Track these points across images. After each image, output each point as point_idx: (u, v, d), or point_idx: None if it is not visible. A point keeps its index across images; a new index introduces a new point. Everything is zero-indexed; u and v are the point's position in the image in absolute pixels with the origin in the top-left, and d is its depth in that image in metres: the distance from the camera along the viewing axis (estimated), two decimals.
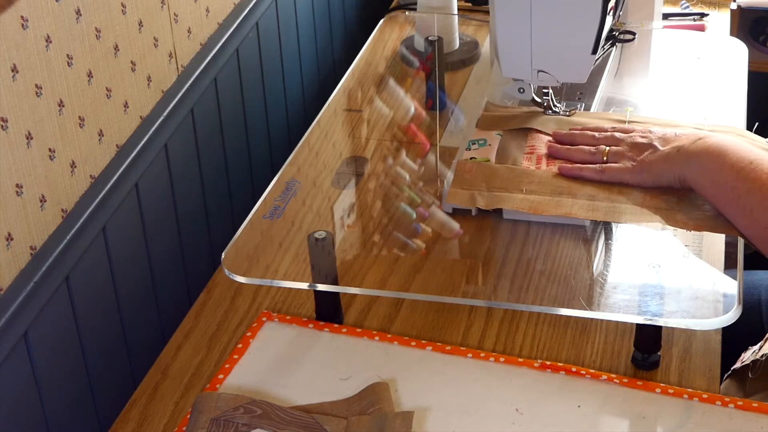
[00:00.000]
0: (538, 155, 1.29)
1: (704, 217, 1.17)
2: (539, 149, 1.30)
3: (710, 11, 1.75)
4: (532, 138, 1.32)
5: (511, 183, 1.25)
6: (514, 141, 1.32)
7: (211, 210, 1.46)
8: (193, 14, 1.37)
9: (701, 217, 1.17)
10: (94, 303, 1.18)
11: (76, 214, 1.14)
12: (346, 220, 1.29)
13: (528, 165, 1.28)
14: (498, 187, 1.25)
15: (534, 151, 1.30)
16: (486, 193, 1.24)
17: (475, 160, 1.29)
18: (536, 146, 1.30)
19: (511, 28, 1.28)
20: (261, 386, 1.10)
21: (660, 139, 1.22)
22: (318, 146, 1.40)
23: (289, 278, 1.19)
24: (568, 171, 1.24)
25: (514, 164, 1.28)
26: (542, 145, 1.31)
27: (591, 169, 1.23)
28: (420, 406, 1.06)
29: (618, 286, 1.14)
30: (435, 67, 1.50)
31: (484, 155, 1.30)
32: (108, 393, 1.21)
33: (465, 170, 1.28)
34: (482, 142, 1.32)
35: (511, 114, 1.38)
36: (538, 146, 1.30)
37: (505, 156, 1.30)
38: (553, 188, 1.24)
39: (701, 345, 1.15)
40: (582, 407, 1.06)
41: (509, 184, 1.25)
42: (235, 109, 1.52)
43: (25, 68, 1.03)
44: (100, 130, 1.19)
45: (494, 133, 1.34)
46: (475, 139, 1.34)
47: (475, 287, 1.19)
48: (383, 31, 1.75)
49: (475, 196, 1.24)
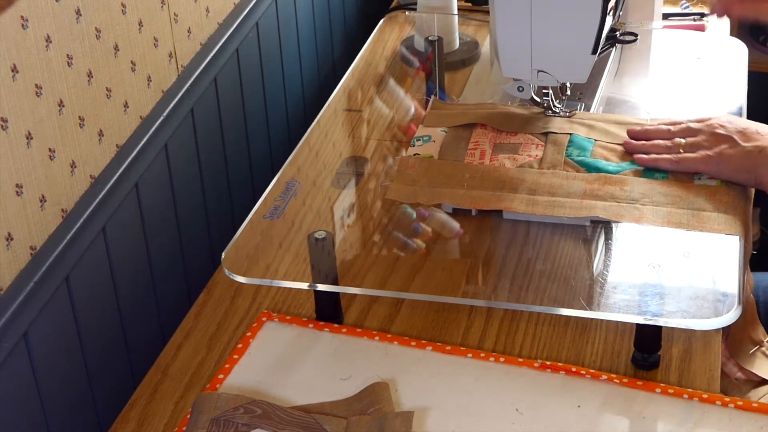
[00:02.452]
0: (482, 150, 1.30)
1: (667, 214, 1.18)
2: (483, 145, 1.31)
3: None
4: (476, 134, 1.34)
5: (453, 178, 1.27)
6: (459, 137, 1.34)
7: (211, 210, 1.46)
8: (193, 14, 1.37)
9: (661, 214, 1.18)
10: (94, 303, 1.18)
11: (76, 214, 1.14)
12: (346, 220, 1.29)
13: (471, 160, 1.29)
14: (440, 183, 1.26)
15: (478, 147, 1.31)
16: (428, 188, 1.26)
17: (418, 156, 1.31)
18: (480, 142, 1.32)
19: (511, 28, 1.28)
20: (261, 386, 1.10)
21: (740, 133, 1.21)
22: (318, 146, 1.40)
23: (289, 278, 1.19)
24: (645, 162, 1.24)
25: (457, 160, 1.29)
26: (486, 140, 1.33)
27: (667, 160, 1.23)
28: (420, 406, 1.06)
29: (618, 286, 1.14)
30: (435, 67, 1.50)
31: (427, 151, 1.31)
32: (108, 393, 1.21)
33: (407, 166, 1.29)
34: (426, 138, 1.34)
35: (456, 111, 1.40)
36: (482, 142, 1.32)
37: (449, 152, 1.31)
38: (494, 183, 1.25)
39: (701, 345, 1.15)
40: (582, 407, 1.06)
41: (451, 179, 1.26)
42: (235, 109, 1.52)
43: (25, 68, 1.03)
44: (100, 130, 1.19)
45: (439, 129, 1.36)
46: (420, 135, 1.35)
47: (475, 287, 1.19)
48: (383, 31, 1.75)
49: (416, 192, 1.26)
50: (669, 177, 1.24)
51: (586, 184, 1.23)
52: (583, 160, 1.28)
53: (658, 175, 1.25)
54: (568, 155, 1.29)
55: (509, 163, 1.29)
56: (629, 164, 1.27)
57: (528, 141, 1.32)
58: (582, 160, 1.28)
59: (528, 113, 1.37)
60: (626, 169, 1.26)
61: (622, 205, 1.20)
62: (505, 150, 1.31)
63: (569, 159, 1.28)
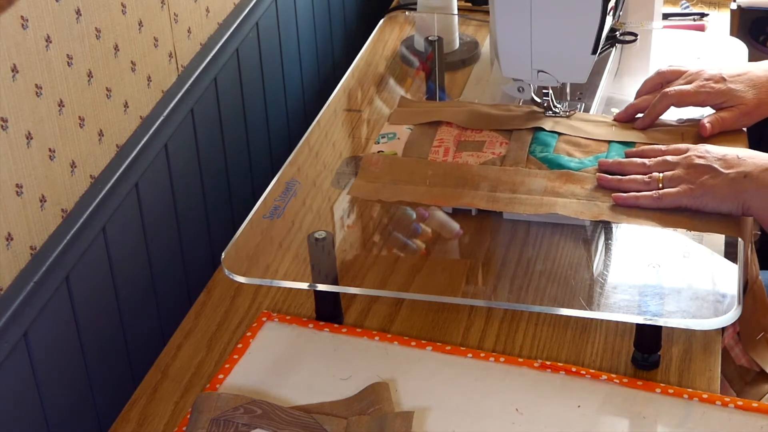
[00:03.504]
0: (446, 148, 1.31)
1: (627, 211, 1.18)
2: (447, 142, 1.32)
3: (710, 11, 1.75)
4: (441, 132, 1.35)
5: (416, 175, 1.27)
6: (424, 134, 1.35)
7: (211, 210, 1.46)
8: (193, 14, 1.37)
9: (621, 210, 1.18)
10: (94, 303, 1.18)
11: (76, 214, 1.14)
12: (346, 220, 1.29)
13: (435, 158, 1.30)
14: (402, 180, 1.27)
15: (442, 144, 1.32)
16: (390, 185, 1.26)
17: (382, 154, 1.31)
18: (445, 139, 1.33)
19: (511, 28, 1.28)
20: (261, 386, 1.10)
21: (720, 161, 1.17)
22: (318, 146, 1.40)
23: (289, 278, 1.19)
24: (624, 201, 1.18)
25: (420, 157, 1.30)
26: (451, 138, 1.33)
27: (648, 197, 1.18)
28: (420, 406, 1.06)
29: (618, 286, 1.14)
30: (435, 67, 1.50)
31: (392, 149, 1.32)
32: (108, 393, 1.21)
33: (371, 163, 1.30)
34: (392, 135, 1.35)
35: (423, 109, 1.41)
36: (447, 139, 1.33)
37: (413, 149, 1.32)
38: (456, 180, 1.25)
39: (701, 345, 1.15)
40: (582, 407, 1.06)
41: (413, 176, 1.27)
42: (235, 109, 1.52)
43: (25, 68, 1.03)
44: (100, 130, 1.19)
45: (404, 127, 1.37)
46: (385, 133, 1.36)
47: (475, 287, 1.19)
48: (383, 31, 1.75)
49: (379, 189, 1.26)
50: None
51: (547, 181, 1.24)
52: (546, 157, 1.28)
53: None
54: (531, 152, 1.30)
55: (472, 160, 1.30)
56: (591, 160, 1.27)
57: (493, 139, 1.33)
58: (544, 156, 1.29)
59: (496, 111, 1.38)
60: (588, 166, 1.26)
61: (582, 202, 1.21)
62: (469, 147, 1.32)
63: (532, 156, 1.29)
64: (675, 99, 1.30)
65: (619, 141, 1.31)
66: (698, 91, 1.30)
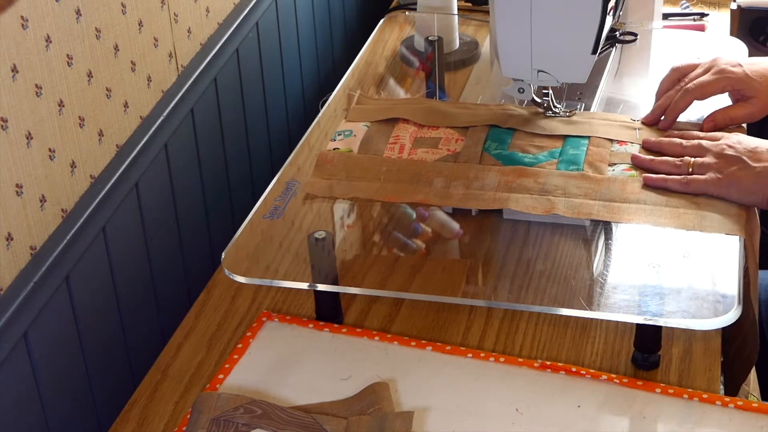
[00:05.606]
0: (401, 145, 1.32)
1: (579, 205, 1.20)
2: (403, 139, 1.33)
3: (710, 11, 1.74)
4: (398, 129, 1.36)
5: (370, 172, 1.28)
6: (380, 131, 1.36)
7: (211, 210, 1.46)
8: (193, 14, 1.37)
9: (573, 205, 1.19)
10: (94, 303, 1.18)
11: (76, 214, 1.14)
12: (346, 220, 1.29)
13: (390, 154, 1.31)
14: (357, 177, 1.28)
15: (398, 141, 1.33)
16: (344, 182, 1.27)
17: (337, 151, 1.32)
18: (401, 136, 1.34)
19: (511, 28, 1.28)
20: (261, 386, 1.10)
21: (750, 153, 1.20)
22: (318, 146, 1.40)
23: (289, 278, 1.19)
24: (653, 182, 1.22)
25: (376, 154, 1.31)
26: (407, 135, 1.34)
27: (676, 181, 1.21)
28: (420, 406, 1.06)
29: (618, 286, 1.14)
30: (435, 67, 1.50)
31: (347, 146, 1.33)
32: (108, 393, 1.21)
33: (326, 161, 1.31)
34: (348, 132, 1.36)
35: (381, 106, 1.42)
36: (403, 136, 1.34)
37: (369, 146, 1.33)
38: (410, 176, 1.26)
39: (701, 345, 1.15)
40: (582, 407, 1.06)
41: (368, 173, 1.28)
42: (235, 109, 1.52)
43: (25, 68, 1.03)
44: (100, 130, 1.19)
45: (361, 124, 1.38)
46: (341, 130, 1.37)
47: (475, 287, 1.19)
48: (383, 31, 1.75)
49: (333, 186, 1.27)
50: (583, 169, 1.26)
51: (501, 176, 1.25)
52: (500, 153, 1.29)
53: (572, 167, 1.26)
54: (486, 148, 1.31)
55: (427, 156, 1.30)
56: (546, 155, 1.28)
57: (449, 135, 1.34)
58: (499, 153, 1.30)
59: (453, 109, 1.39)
60: (542, 161, 1.27)
61: (534, 196, 1.22)
62: (425, 144, 1.33)
63: (486, 152, 1.30)
64: (697, 93, 1.32)
65: (574, 135, 1.32)
66: (718, 78, 1.31)
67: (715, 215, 1.18)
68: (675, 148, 1.26)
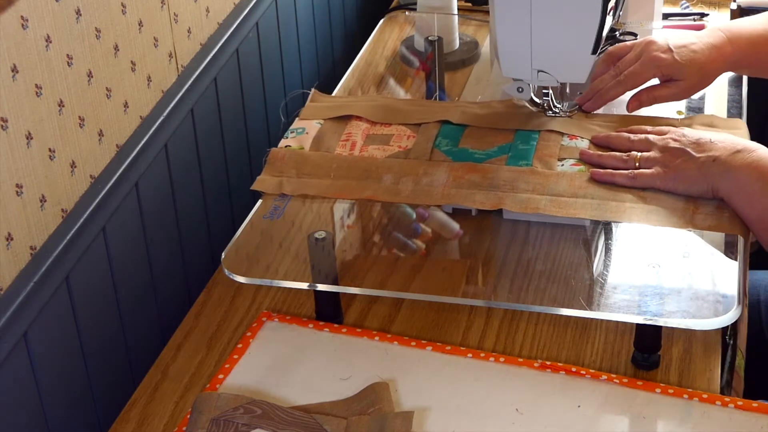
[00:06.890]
0: (353, 142, 1.33)
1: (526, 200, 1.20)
2: (355, 136, 1.33)
3: (710, 11, 1.74)
4: (350, 126, 1.36)
5: (321, 169, 1.29)
6: (332, 129, 1.36)
7: (211, 210, 1.46)
8: (193, 14, 1.37)
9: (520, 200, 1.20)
10: (94, 303, 1.18)
11: (76, 214, 1.14)
12: (346, 220, 1.29)
13: (341, 152, 1.31)
14: (307, 174, 1.29)
15: (350, 138, 1.33)
16: (294, 179, 1.28)
17: (289, 149, 1.32)
18: (353, 133, 1.34)
19: (511, 28, 1.28)
20: (261, 386, 1.10)
21: (693, 145, 1.21)
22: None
23: (289, 278, 1.19)
24: (600, 176, 1.23)
25: (327, 151, 1.31)
26: (359, 132, 1.35)
27: (623, 175, 1.22)
28: (420, 406, 1.06)
29: (618, 286, 1.14)
30: (435, 67, 1.50)
31: (299, 143, 1.34)
32: (108, 393, 1.21)
33: (277, 158, 1.31)
34: (300, 130, 1.36)
35: (334, 104, 1.42)
36: (355, 133, 1.34)
37: (321, 143, 1.33)
38: (360, 173, 1.27)
39: (701, 345, 1.15)
40: (582, 407, 1.06)
41: (318, 170, 1.29)
42: (235, 109, 1.52)
43: (25, 68, 1.03)
44: (100, 130, 1.19)
45: (314, 122, 1.38)
46: (294, 128, 1.38)
47: (475, 287, 1.19)
48: (383, 31, 1.75)
49: (283, 183, 1.28)
50: (532, 164, 1.26)
51: (450, 172, 1.26)
52: (450, 150, 1.30)
53: (522, 162, 1.26)
54: (437, 145, 1.31)
55: (379, 153, 1.31)
56: (496, 151, 1.28)
57: (401, 132, 1.35)
58: (449, 150, 1.30)
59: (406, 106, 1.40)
60: (493, 157, 1.27)
61: (483, 192, 1.22)
62: (376, 141, 1.34)
63: (437, 149, 1.30)
64: (629, 84, 1.35)
65: (524, 129, 1.33)
66: (648, 67, 1.34)
67: (661, 209, 1.18)
68: (623, 142, 1.28)
